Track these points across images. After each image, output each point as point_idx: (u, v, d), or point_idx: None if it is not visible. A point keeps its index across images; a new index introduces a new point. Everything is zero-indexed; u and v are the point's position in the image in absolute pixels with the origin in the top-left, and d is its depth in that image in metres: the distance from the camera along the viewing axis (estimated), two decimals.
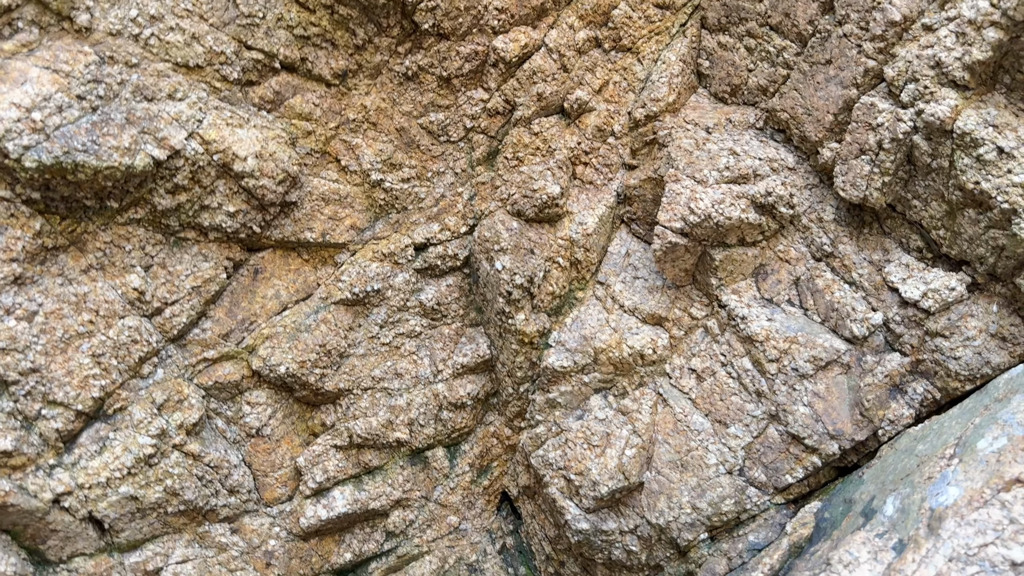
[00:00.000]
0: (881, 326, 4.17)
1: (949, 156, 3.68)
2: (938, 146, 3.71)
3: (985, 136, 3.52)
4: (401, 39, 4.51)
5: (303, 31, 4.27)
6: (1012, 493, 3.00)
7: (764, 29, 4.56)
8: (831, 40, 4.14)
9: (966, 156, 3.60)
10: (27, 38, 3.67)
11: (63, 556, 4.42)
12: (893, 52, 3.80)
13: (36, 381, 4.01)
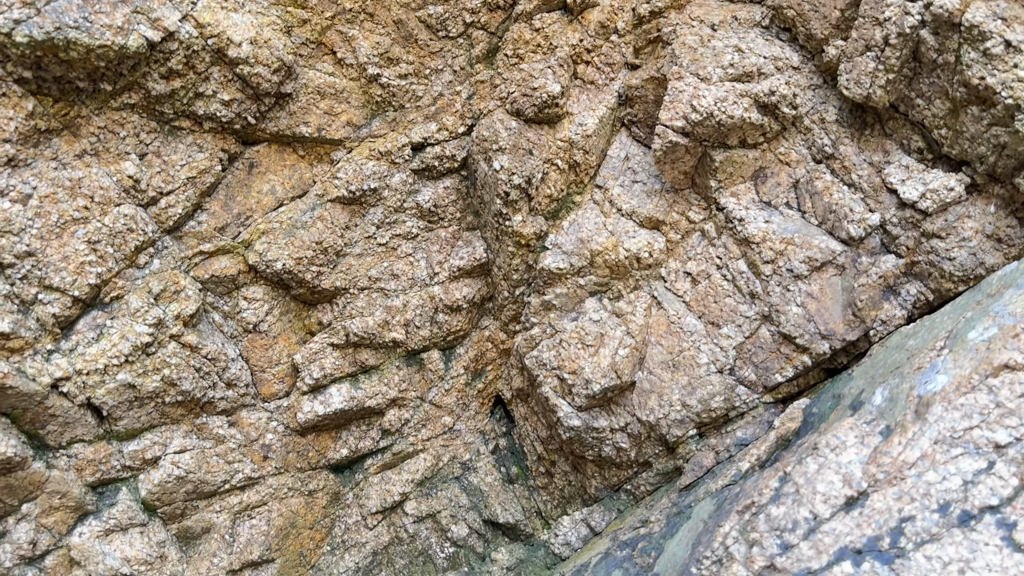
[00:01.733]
0: (878, 227, 4.19)
1: (955, 51, 3.64)
2: (945, 40, 3.66)
3: (993, 29, 3.48)
4: None
5: None
6: (1000, 378, 3.07)
7: None
8: None
9: (973, 50, 3.57)
10: None
11: (62, 441, 4.53)
12: None
13: (32, 265, 4.06)
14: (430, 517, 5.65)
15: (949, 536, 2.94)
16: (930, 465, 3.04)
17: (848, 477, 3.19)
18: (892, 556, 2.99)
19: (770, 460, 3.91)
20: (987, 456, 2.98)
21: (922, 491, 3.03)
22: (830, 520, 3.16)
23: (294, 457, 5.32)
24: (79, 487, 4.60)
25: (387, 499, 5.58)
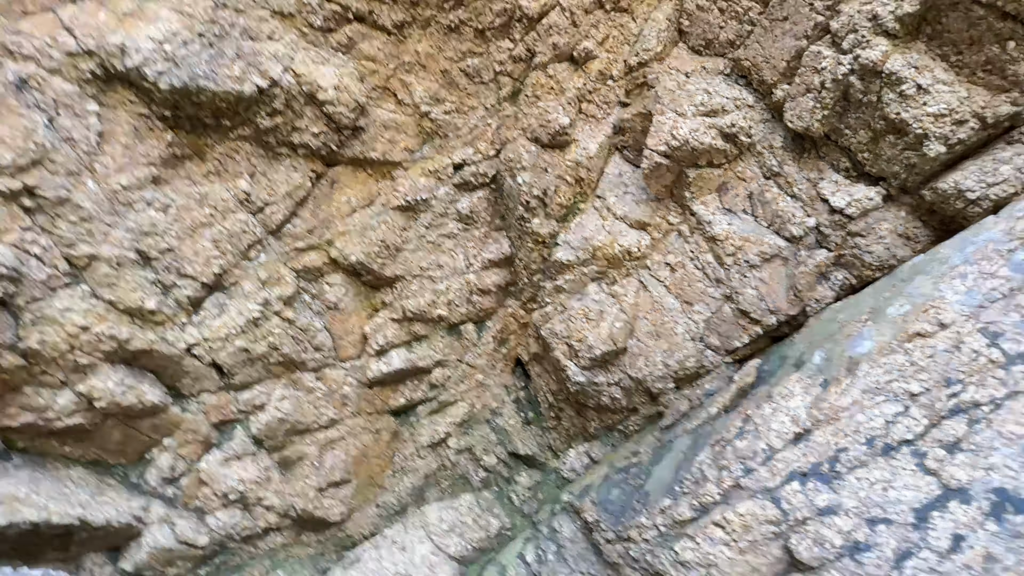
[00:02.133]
0: (813, 228, 4.25)
1: (877, 92, 3.69)
2: (869, 84, 3.71)
3: (908, 75, 3.54)
4: None
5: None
6: (913, 343, 3.16)
7: None
8: (788, 1, 4.10)
9: (891, 92, 3.63)
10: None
11: (193, 391, 4.63)
12: (839, 9, 3.74)
13: (171, 259, 4.13)
14: (467, 450, 5.74)
15: (875, 463, 3.05)
16: (859, 409, 3.15)
17: (796, 418, 3.30)
18: (830, 477, 3.11)
19: (732, 406, 4.01)
20: (904, 402, 3.08)
21: (853, 429, 3.14)
22: (782, 450, 3.27)
23: (365, 404, 5.40)
24: (206, 426, 4.71)
25: (434, 436, 5.66)
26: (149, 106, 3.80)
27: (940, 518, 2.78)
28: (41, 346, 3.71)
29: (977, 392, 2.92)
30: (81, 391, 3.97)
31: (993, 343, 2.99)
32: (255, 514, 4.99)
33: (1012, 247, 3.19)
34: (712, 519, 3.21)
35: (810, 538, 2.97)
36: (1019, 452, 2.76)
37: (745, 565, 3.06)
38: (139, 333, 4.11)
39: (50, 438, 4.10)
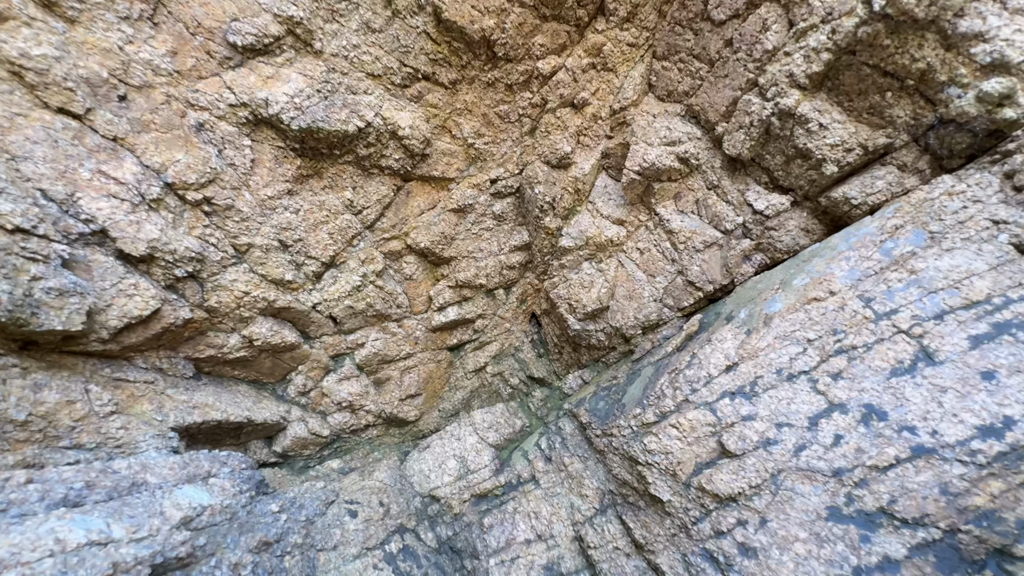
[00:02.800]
0: (741, 224, 4.16)
1: (791, 128, 3.58)
2: (785, 123, 3.60)
3: (813, 116, 3.43)
4: (486, 61, 4.32)
5: (434, 56, 4.11)
6: (811, 305, 3.13)
7: (689, 57, 4.32)
8: (729, 63, 3.95)
9: (800, 128, 3.52)
10: (288, 57, 3.61)
11: (317, 335, 4.70)
12: (765, 69, 3.61)
13: (301, 246, 4.17)
14: (499, 374, 5.81)
15: (781, 386, 3.04)
16: (772, 350, 3.14)
17: (727, 355, 3.29)
18: (751, 396, 3.11)
19: (682, 347, 3.99)
20: (803, 345, 3.06)
21: (767, 363, 3.13)
22: (718, 377, 3.27)
23: (430, 343, 5.47)
24: (326, 358, 4.82)
25: (477, 364, 5.74)
26: (284, 141, 3.80)
27: (826, 423, 2.81)
28: (218, 305, 3.80)
29: (855, 339, 2.92)
30: (245, 334, 4.08)
31: (867, 305, 2.96)
32: (359, 415, 5.13)
33: (883, 238, 3.14)
34: (669, 422, 3.25)
35: (736, 435, 3.00)
36: (883, 380, 2.77)
37: (691, 452, 3.10)
38: (281, 296, 4.19)
39: (224, 366, 4.22)
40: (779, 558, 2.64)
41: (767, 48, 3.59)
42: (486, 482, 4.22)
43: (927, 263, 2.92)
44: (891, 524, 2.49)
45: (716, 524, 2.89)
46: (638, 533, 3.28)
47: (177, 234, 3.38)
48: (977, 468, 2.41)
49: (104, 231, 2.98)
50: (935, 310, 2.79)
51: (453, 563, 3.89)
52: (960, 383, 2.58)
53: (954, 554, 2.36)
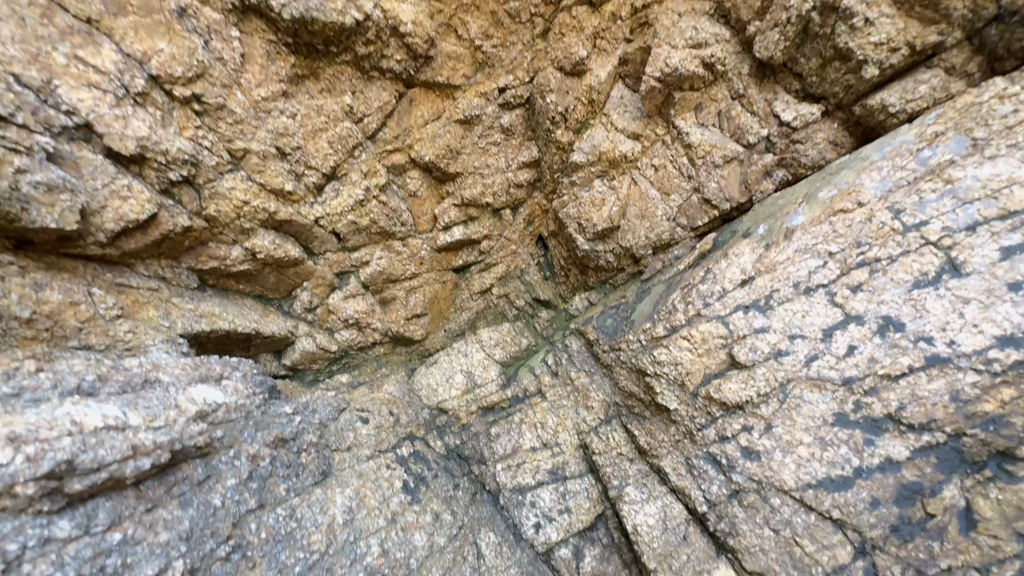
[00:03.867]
0: (765, 137, 3.95)
1: (832, 25, 3.27)
2: (826, 19, 3.28)
3: (859, 10, 3.12)
4: None
5: None
6: (836, 216, 3.01)
7: None
8: None
9: (843, 24, 3.21)
10: None
11: (321, 251, 4.60)
12: None
13: (300, 155, 3.95)
14: (505, 296, 5.79)
15: (798, 299, 2.99)
16: (791, 263, 3.05)
17: (744, 269, 3.21)
18: (765, 309, 3.07)
19: (694, 265, 3.92)
20: (823, 258, 2.98)
21: (785, 276, 3.06)
22: (732, 291, 3.21)
23: (435, 263, 5.39)
24: (330, 275, 4.75)
25: (482, 286, 5.70)
26: (275, 33, 3.47)
27: (841, 335, 2.79)
28: (218, 214, 3.66)
29: (879, 251, 2.82)
30: (247, 246, 3.97)
31: (896, 217, 2.84)
32: (365, 333, 5.16)
33: (920, 146, 2.94)
34: (680, 335, 3.23)
35: (747, 347, 2.99)
36: (904, 292, 2.71)
37: (700, 363, 3.12)
38: (282, 207, 4.04)
39: (228, 279, 4.16)
40: (781, 460, 2.72)
41: None
42: (493, 395, 4.31)
43: (965, 172, 2.75)
44: (897, 429, 2.52)
45: (721, 430, 2.96)
46: (643, 440, 3.37)
47: (168, 134, 3.16)
48: (991, 376, 2.40)
49: (89, 125, 2.77)
50: (968, 221, 2.67)
51: (461, 468, 4.06)
52: (985, 294, 2.51)
53: (955, 456, 2.41)
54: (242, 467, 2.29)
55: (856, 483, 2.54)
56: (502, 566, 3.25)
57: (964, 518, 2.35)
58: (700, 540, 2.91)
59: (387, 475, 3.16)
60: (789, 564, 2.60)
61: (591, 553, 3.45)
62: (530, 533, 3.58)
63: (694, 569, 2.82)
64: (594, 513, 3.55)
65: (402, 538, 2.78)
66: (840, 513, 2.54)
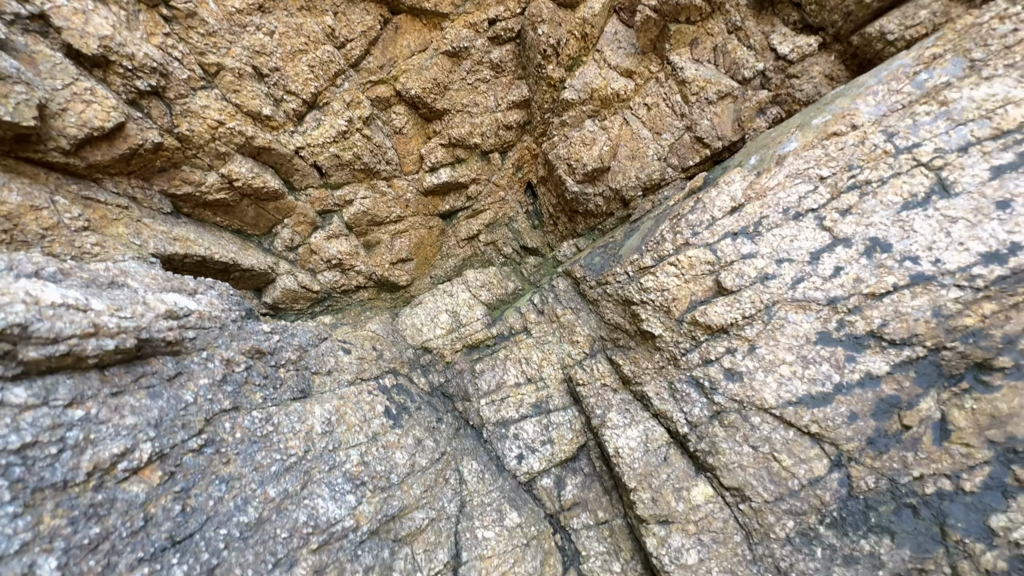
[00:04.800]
0: (760, 72, 3.88)
1: None
2: None
3: None
4: None
5: None
6: (830, 140, 2.96)
7: None
8: None
9: None
10: None
11: (302, 186, 4.48)
12: None
13: (279, 76, 3.79)
14: (492, 243, 5.70)
15: (787, 224, 2.96)
16: (781, 188, 3.01)
17: (734, 196, 3.17)
18: (753, 235, 3.04)
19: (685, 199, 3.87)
20: (814, 183, 2.94)
21: (774, 202, 3.02)
22: (721, 219, 3.17)
23: (421, 207, 5.28)
24: (312, 212, 4.62)
25: (470, 232, 5.61)
26: None
27: (827, 257, 2.77)
28: (191, 133, 3.49)
29: (871, 174, 2.79)
30: (223, 172, 3.82)
31: (889, 139, 2.79)
32: (349, 276, 5.07)
33: (917, 69, 2.88)
34: (667, 262, 3.20)
35: (734, 273, 2.97)
36: (892, 213, 2.69)
37: (687, 289, 3.09)
38: (260, 133, 3.87)
39: (204, 209, 4.01)
40: (763, 379, 2.73)
41: None
42: (478, 333, 4.27)
43: (961, 93, 2.70)
44: (878, 345, 2.53)
45: (705, 354, 2.96)
46: (627, 369, 3.37)
47: (133, 37, 2.97)
48: (973, 292, 2.41)
49: (44, 16, 2.58)
50: (960, 142, 2.63)
51: (445, 405, 4.05)
52: (972, 213, 2.50)
53: (934, 369, 2.43)
54: (216, 369, 2.22)
55: (835, 399, 2.56)
56: (483, 491, 3.26)
57: (939, 429, 2.39)
58: (680, 460, 2.94)
59: (368, 399, 3.12)
60: (766, 478, 2.63)
61: (572, 482, 3.48)
62: (512, 464, 3.60)
63: (673, 487, 2.86)
64: (576, 444, 3.58)
65: (383, 454, 2.76)
66: (818, 428, 2.57)
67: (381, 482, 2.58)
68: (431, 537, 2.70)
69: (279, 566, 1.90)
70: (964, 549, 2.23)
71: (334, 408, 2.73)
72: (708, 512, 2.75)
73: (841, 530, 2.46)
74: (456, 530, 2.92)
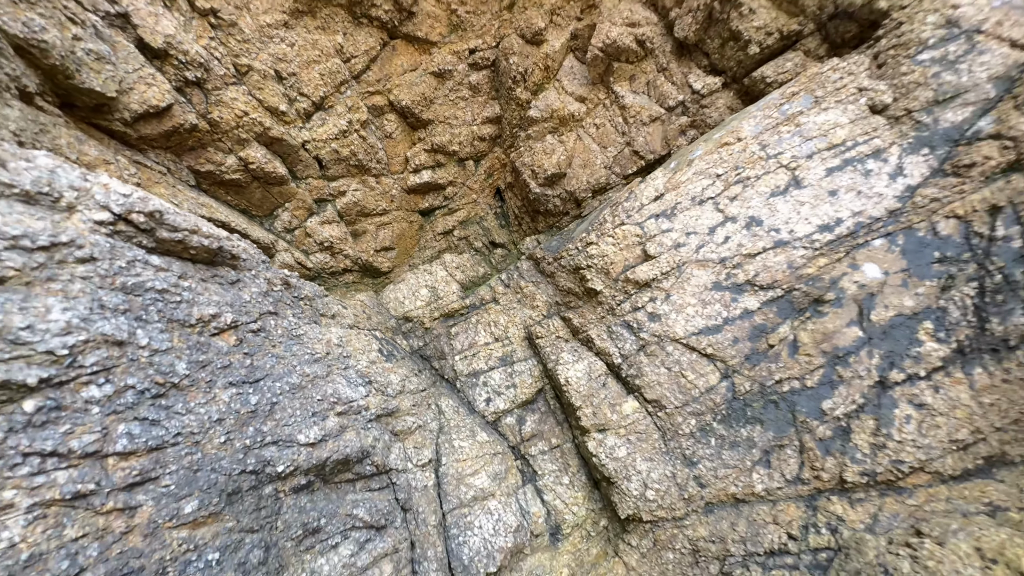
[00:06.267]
0: (681, 102, 4.94)
1: (728, 12, 4.28)
2: (724, 7, 4.29)
3: (745, 1, 4.16)
4: None
5: None
6: (723, 148, 3.96)
7: None
8: None
9: (735, 11, 4.23)
10: None
11: (303, 175, 5.12)
12: None
13: (295, 81, 4.51)
14: (465, 238, 6.45)
15: (693, 208, 3.91)
16: (690, 182, 3.99)
17: (656, 188, 4.12)
18: (670, 215, 3.98)
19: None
20: (712, 178, 3.92)
21: (685, 192, 3.99)
22: (647, 205, 4.10)
23: (404, 203, 5.99)
24: (310, 199, 5.26)
25: (445, 227, 6.33)
26: None
27: (720, 230, 3.74)
28: (220, 119, 4.16)
29: (749, 172, 3.82)
30: (241, 156, 4.47)
31: (763, 148, 3.86)
32: (337, 259, 5.69)
33: (782, 102, 4.00)
34: (607, 236, 4.10)
35: (656, 243, 3.90)
36: (764, 199, 3.71)
37: (621, 256, 3.98)
38: (276, 125, 4.57)
39: (220, 187, 4.61)
40: (675, 318, 3.63)
41: None
42: (453, 304, 5.01)
43: (809, 119, 3.82)
44: (752, 289, 3.50)
45: (634, 303, 3.84)
46: (576, 322, 4.21)
47: (188, 38, 3.68)
48: (813, 251, 3.43)
49: (127, 15, 3.27)
50: (808, 151, 3.73)
51: (423, 364, 4.72)
52: (814, 198, 3.56)
53: (788, 305, 3.41)
54: (261, 284, 2.88)
55: (724, 328, 3.49)
56: (458, 420, 3.95)
57: (792, 346, 3.34)
58: (615, 385, 3.77)
59: (366, 338, 3.79)
60: (676, 390, 3.49)
61: (531, 419, 4.22)
62: (482, 406, 4.30)
63: (609, 403, 3.67)
64: (535, 388, 4.33)
65: (381, 372, 3.43)
66: (712, 350, 3.47)
67: (381, 387, 3.25)
68: (419, 438, 3.36)
69: (316, 415, 2.55)
70: (807, 426, 3.14)
71: (343, 334, 3.39)
72: (635, 419, 3.56)
73: (728, 423, 3.34)
74: (437, 441, 3.58)
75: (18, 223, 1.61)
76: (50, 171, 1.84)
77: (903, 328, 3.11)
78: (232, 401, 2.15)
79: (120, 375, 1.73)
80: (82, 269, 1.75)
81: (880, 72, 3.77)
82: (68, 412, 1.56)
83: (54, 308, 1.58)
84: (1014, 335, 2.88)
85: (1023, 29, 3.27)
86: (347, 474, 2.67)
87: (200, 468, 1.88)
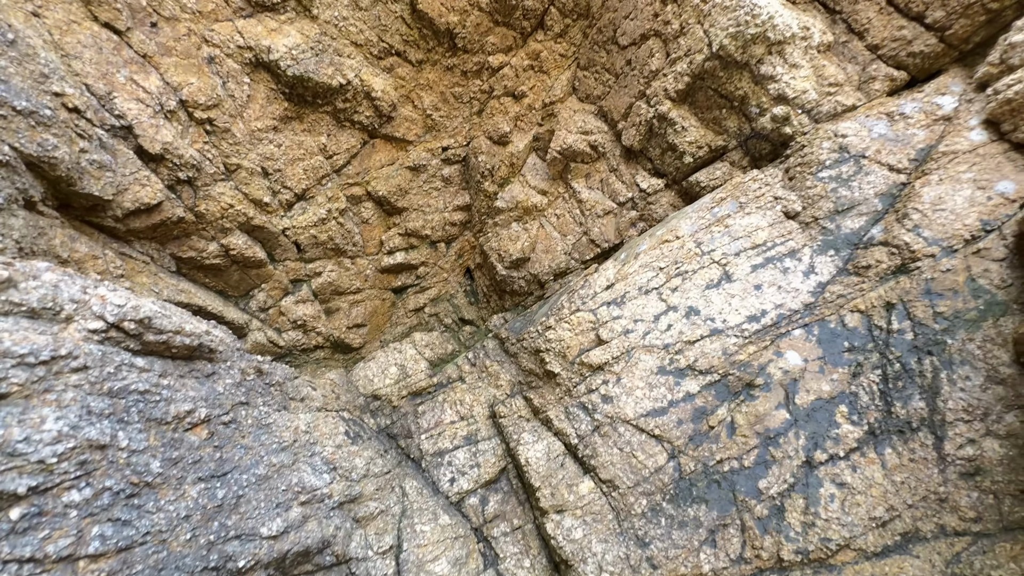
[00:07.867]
0: (630, 199, 5.56)
1: (664, 128, 4.98)
2: (662, 123, 4.98)
3: (678, 120, 4.85)
4: (447, 49, 5.37)
5: (407, 37, 5.09)
6: (664, 244, 4.46)
7: (602, 70, 5.68)
8: (628, 77, 5.33)
9: (670, 128, 4.93)
10: (290, 16, 4.44)
11: (282, 258, 5.41)
12: (651, 83, 5.00)
13: (279, 176, 4.92)
14: (435, 315, 6.76)
15: (640, 298, 4.33)
16: (637, 274, 4.44)
17: (608, 278, 4.54)
18: (620, 303, 4.37)
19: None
20: (656, 271, 4.37)
21: (633, 283, 4.42)
22: (600, 293, 4.50)
23: (377, 282, 6.31)
24: (287, 280, 5.51)
25: (417, 305, 6.64)
26: (277, 84, 4.59)
27: (664, 318, 4.14)
28: (206, 212, 4.47)
29: (687, 266, 4.31)
30: (223, 243, 4.75)
31: (698, 246, 4.38)
32: (310, 336, 5.86)
33: (713, 205, 4.60)
34: (564, 322, 4.45)
35: (607, 328, 4.26)
36: (700, 291, 4.17)
37: (577, 340, 4.32)
38: (258, 215, 4.91)
39: (199, 271, 4.84)
40: (626, 400, 3.92)
41: (652, 69, 5.00)
42: (421, 382, 5.19)
43: (735, 221, 4.40)
44: (692, 373, 3.85)
45: (589, 385, 4.13)
46: (536, 402, 4.44)
47: (184, 144, 4.07)
48: (743, 339, 3.84)
49: (130, 127, 3.64)
50: (736, 249, 4.26)
51: (390, 443, 4.81)
52: (742, 292, 4.03)
53: (725, 389, 3.76)
54: (235, 375, 3.07)
55: (669, 411, 3.79)
56: (422, 502, 4.02)
57: (729, 427, 3.65)
58: (572, 465, 3.95)
59: (333, 421, 3.93)
60: (629, 470, 3.71)
61: (494, 499, 4.32)
62: (446, 486, 4.38)
63: (567, 484, 3.83)
64: (499, 467, 4.46)
65: (346, 457, 3.55)
66: (660, 431, 3.74)
67: (346, 472, 3.36)
68: (380, 524, 3.43)
69: (280, 506, 2.65)
70: (746, 505, 3.38)
71: (311, 419, 3.54)
72: (590, 500, 3.73)
73: (676, 503, 3.54)
74: (400, 526, 3.65)
75: (24, 340, 1.82)
76: (54, 286, 2.08)
77: (823, 411, 3.47)
78: (200, 496, 2.28)
79: (99, 477, 1.87)
80: (75, 378, 1.94)
81: (791, 184, 4.42)
82: (48, 517, 1.69)
83: (48, 418, 1.76)
84: (915, 418, 3.27)
85: (897, 156, 3.98)
86: (307, 565, 2.73)
87: (164, 567, 1.98)
